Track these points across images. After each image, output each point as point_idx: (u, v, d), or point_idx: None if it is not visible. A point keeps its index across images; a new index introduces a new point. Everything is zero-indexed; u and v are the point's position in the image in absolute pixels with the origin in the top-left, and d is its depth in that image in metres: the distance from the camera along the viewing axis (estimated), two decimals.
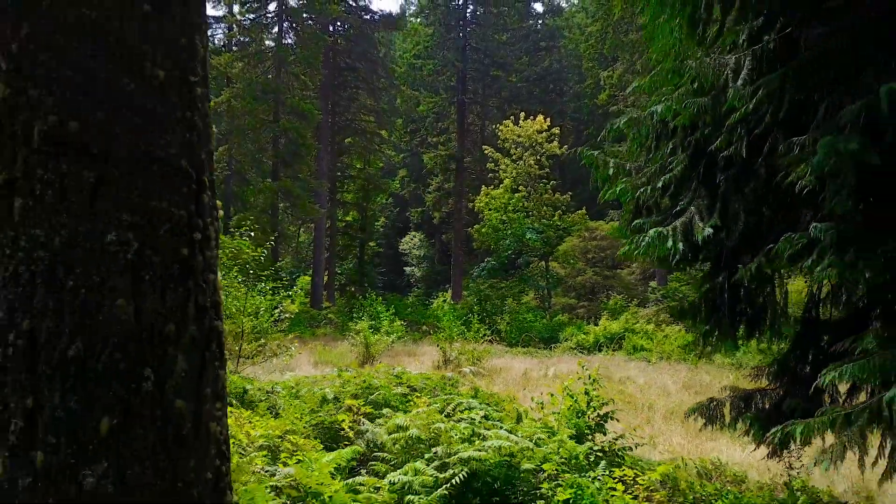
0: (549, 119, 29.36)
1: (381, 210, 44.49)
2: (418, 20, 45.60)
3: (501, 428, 4.55)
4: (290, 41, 32.43)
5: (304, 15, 32.18)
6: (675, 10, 3.63)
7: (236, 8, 31.00)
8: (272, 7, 32.00)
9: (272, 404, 6.26)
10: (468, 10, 43.15)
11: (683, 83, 4.14)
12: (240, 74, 28.21)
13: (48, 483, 1.68)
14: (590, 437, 5.24)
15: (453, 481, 3.63)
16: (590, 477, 4.01)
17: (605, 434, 5.57)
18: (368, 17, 37.79)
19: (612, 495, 4.05)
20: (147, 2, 1.75)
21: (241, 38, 32.11)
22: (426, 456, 4.13)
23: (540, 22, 49.98)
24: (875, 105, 2.69)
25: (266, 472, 3.75)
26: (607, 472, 4.36)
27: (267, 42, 31.90)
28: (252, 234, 15.01)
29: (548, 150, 28.37)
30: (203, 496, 1.85)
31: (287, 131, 28.32)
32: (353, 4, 37.91)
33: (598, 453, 4.98)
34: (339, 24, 36.26)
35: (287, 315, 12.72)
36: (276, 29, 32.08)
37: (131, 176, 1.75)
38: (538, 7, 51.11)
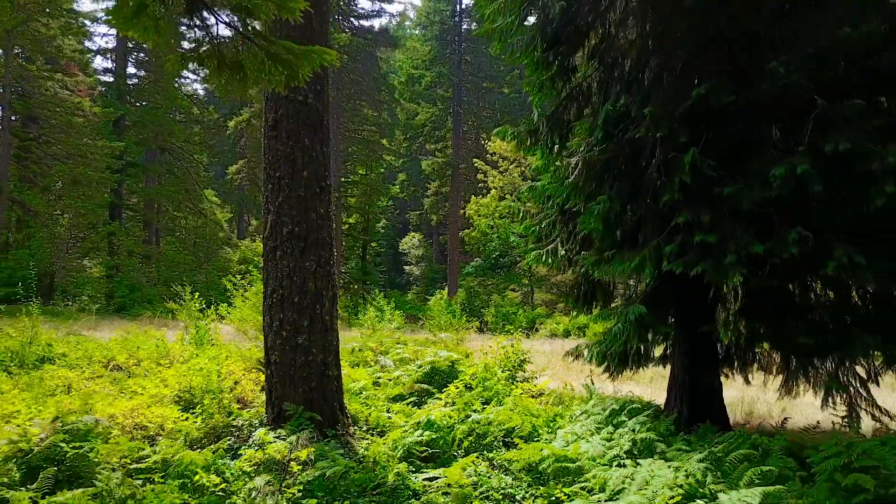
0: None
1: (382, 213, 47.32)
2: (416, 31, 48.60)
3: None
4: None
5: None
6: (533, 143, 7.22)
7: None
8: None
9: None
10: (463, 27, 46.16)
11: (551, 172, 7.70)
12: (258, 95, 31.55)
13: (285, 340, 5.37)
14: (512, 371, 8.81)
15: (423, 371, 7.30)
16: (498, 379, 7.58)
17: (525, 371, 9.16)
18: (370, 36, 41.22)
19: (512, 391, 7.66)
20: (316, 186, 5.41)
21: None
22: (411, 364, 7.79)
23: None
24: (605, 205, 6.20)
25: None
26: (514, 385, 7.98)
27: None
28: None
29: (531, 162, 31.89)
30: (332, 348, 5.49)
31: None
32: (357, 25, 41.52)
33: (517, 378, 8.59)
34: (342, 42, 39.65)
35: None
36: None
37: (313, 246, 5.43)
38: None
